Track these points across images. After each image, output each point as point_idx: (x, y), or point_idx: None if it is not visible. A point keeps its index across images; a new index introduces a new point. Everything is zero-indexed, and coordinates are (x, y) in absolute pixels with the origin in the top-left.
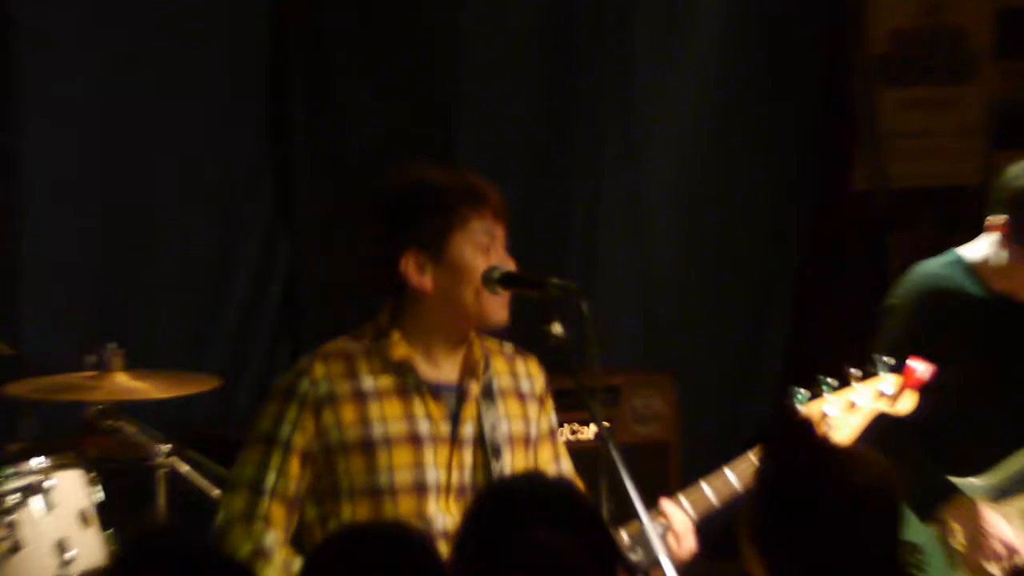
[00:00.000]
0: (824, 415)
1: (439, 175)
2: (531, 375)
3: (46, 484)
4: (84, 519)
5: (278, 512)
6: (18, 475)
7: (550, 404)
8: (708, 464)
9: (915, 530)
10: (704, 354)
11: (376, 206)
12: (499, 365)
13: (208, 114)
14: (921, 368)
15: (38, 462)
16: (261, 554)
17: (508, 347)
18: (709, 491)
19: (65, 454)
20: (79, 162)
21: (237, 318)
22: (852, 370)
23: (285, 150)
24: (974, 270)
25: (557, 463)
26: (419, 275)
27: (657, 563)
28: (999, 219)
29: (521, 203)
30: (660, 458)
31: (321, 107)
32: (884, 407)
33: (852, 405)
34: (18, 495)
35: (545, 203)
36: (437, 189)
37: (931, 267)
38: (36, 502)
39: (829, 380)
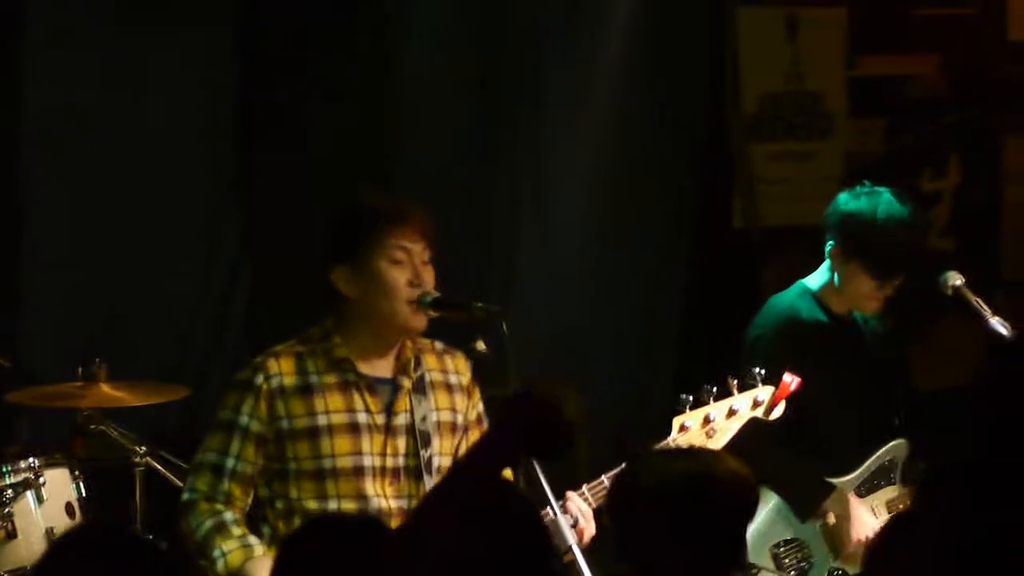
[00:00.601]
0: (708, 419)
1: (369, 200)
2: (458, 370)
3: (38, 480)
4: (71, 511)
5: (237, 491)
6: (14, 472)
7: (477, 395)
8: (608, 462)
9: (798, 526)
10: (606, 366)
11: (320, 228)
12: (430, 361)
13: (181, 158)
14: (791, 381)
15: (31, 461)
16: (222, 528)
17: (438, 345)
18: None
19: (55, 454)
20: (71, 196)
21: (205, 336)
22: (732, 380)
23: (248, 190)
24: (818, 298)
25: None
26: (346, 286)
27: (569, 550)
28: (831, 245)
29: (449, 234)
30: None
31: (280, 148)
32: (759, 414)
33: (732, 412)
34: (13, 490)
35: (470, 238)
36: (360, 211)
37: (785, 300)
38: (29, 496)
39: (712, 389)
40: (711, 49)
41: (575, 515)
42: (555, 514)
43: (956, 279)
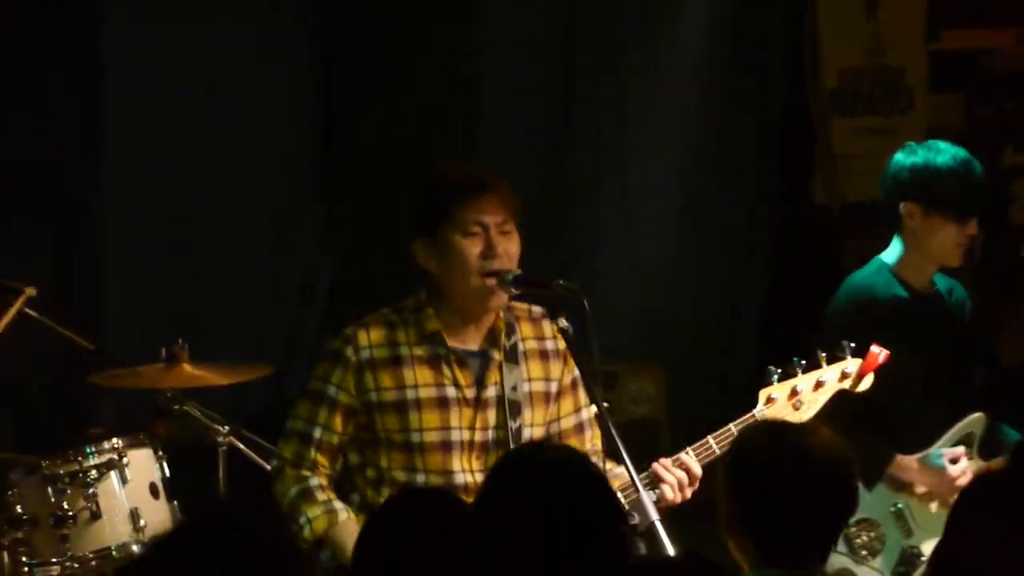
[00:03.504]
0: (795, 392)
1: (448, 172)
2: (555, 335)
3: (122, 461)
4: (154, 491)
5: (323, 459)
6: (98, 453)
7: (571, 359)
8: (694, 436)
9: (871, 506)
10: (688, 345)
11: (401, 206)
12: (525, 329)
13: (262, 146)
14: (880, 353)
15: (115, 442)
16: (307, 494)
17: (536, 310)
18: (713, 444)
19: (138, 435)
20: (154, 182)
21: (288, 314)
22: (821, 353)
23: (329, 179)
24: (895, 273)
25: (577, 413)
26: (425, 258)
27: (652, 526)
28: (903, 206)
29: (531, 212)
30: (652, 434)
31: (361, 129)
32: (847, 386)
33: (820, 384)
34: (97, 471)
35: (553, 214)
36: (438, 182)
37: (861, 277)
38: (113, 476)
39: (801, 362)
40: (791, 25)
41: (666, 482)
42: (639, 490)
43: None
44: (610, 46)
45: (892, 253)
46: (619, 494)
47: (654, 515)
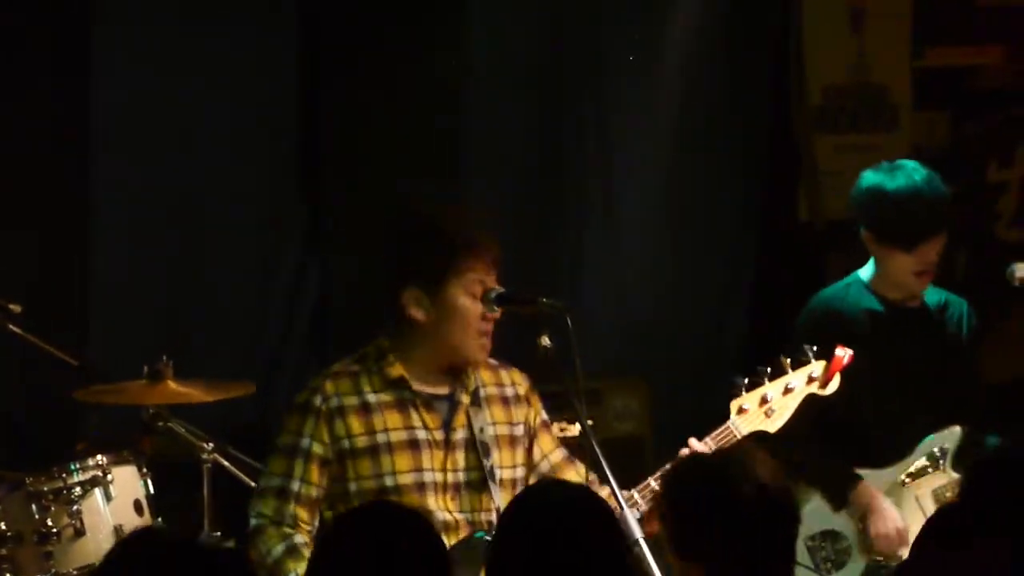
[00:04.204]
0: (765, 400)
1: (447, 221)
2: (515, 382)
3: (106, 478)
4: (139, 509)
5: (303, 514)
6: (82, 470)
7: (537, 402)
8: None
9: (836, 520)
10: (673, 360)
11: (389, 242)
12: (485, 376)
13: (247, 156)
14: (844, 354)
15: (99, 459)
16: (294, 551)
17: (492, 360)
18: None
19: (123, 452)
20: (141, 200)
21: (273, 333)
22: (785, 359)
23: (315, 190)
24: (870, 287)
25: (561, 448)
26: (416, 309)
27: (636, 543)
28: (861, 229)
29: (516, 231)
30: (637, 451)
31: (347, 146)
32: (815, 389)
33: (788, 389)
34: (82, 487)
35: (536, 233)
36: (443, 236)
37: (830, 291)
38: (98, 493)
39: (767, 369)
40: (776, 40)
41: (643, 512)
42: (623, 508)
43: (1023, 270)
44: (597, 51)
45: (868, 268)
46: None
47: (638, 533)
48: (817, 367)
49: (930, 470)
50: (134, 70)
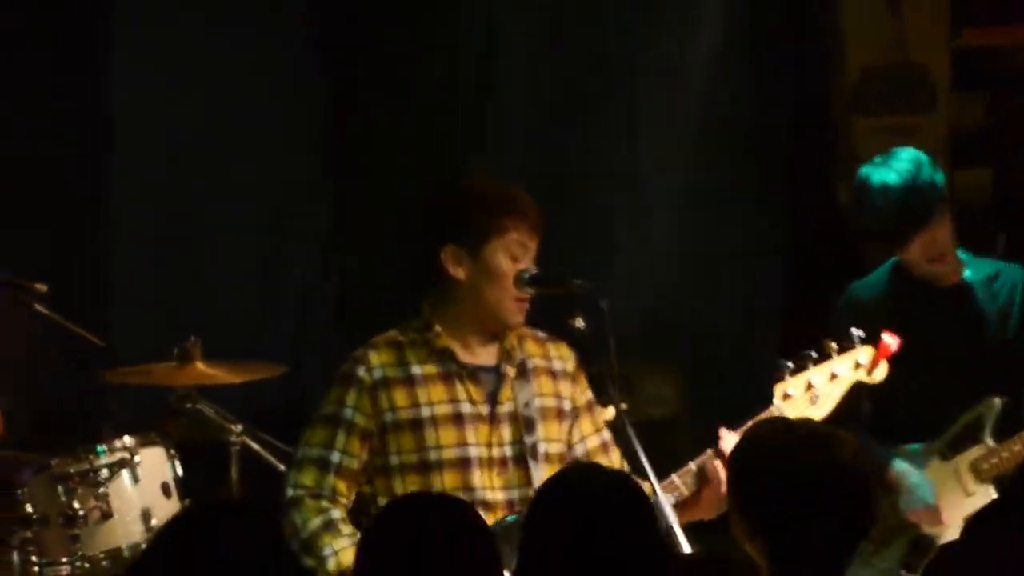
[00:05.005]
0: (810, 385)
1: (488, 184)
2: (562, 356)
3: (133, 460)
4: (166, 491)
5: (342, 487)
6: (109, 452)
7: (583, 380)
8: (712, 437)
9: None
10: (704, 346)
11: (427, 202)
12: (532, 348)
13: (270, 141)
14: (891, 340)
15: (126, 441)
16: (331, 526)
17: (540, 333)
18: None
19: (150, 433)
20: (161, 181)
21: (298, 314)
22: (832, 344)
23: (338, 169)
24: (905, 269)
25: (599, 433)
26: (456, 267)
27: (669, 527)
28: None
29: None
30: (669, 436)
31: (369, 131)
32: (861, 376)
33: (834, 376)
34: (109, 470)
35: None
36: (485, 195)
37: (870, 276)
38: (125, 476)
39: (812, 354)
40: (810, 21)
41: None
42: (657, 493)
43: None
44: (623, 46)
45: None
46: None
47: (672, 518)
48: (864, 353)
49: (969, 443)
50: (155, 66)
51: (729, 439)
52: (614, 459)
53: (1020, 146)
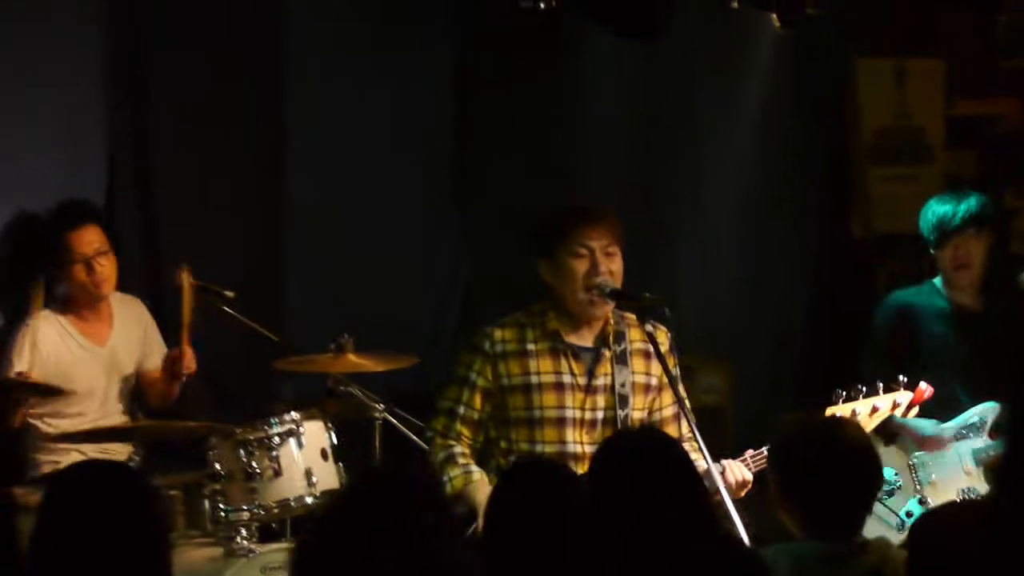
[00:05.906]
0: (855, 413)
1: (569, 206)
2: (659, 340)
3: (299, 430)
4: (324, 455)
5: (465, 431)
6: (280, 423)
7: (672, 358)
8: (754, 424)
9: (887, 457)
10: (750, 346)
11: (531, 227)
12: (634, 334)
13: (413, 163)
14: (926, 389)
15: (294, 415)
16: (451, 459)
17: (649, 323)
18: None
19: (312, 410)
20: (325, 198)
21: (432, 314)
22: (879, 384)
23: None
24: (940, 290)
25: (673, 405)
26: (547, 276)
27: (717, 492)
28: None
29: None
30: (719, 421)
31: (492, 155)
32: (897, 414)
33: (875, 409)
34: (280, 437)
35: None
36: (556, 214)
37: (904, 292)
38: (292, 442)
39: (862, 388)
40: (834, 92)
41: (725, 466)
42: (708, 463)
43: None
44: (685, 106)
45: (940, 277)
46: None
47: (721, 485)
48: (904, 396)
49: (971, 435)
50: (324, 90)
51: (733, 468)
52: (684, 429)
53: (1000, 192)
